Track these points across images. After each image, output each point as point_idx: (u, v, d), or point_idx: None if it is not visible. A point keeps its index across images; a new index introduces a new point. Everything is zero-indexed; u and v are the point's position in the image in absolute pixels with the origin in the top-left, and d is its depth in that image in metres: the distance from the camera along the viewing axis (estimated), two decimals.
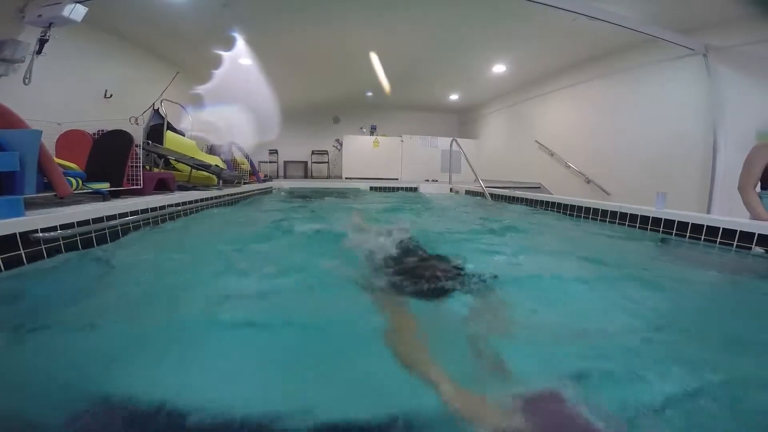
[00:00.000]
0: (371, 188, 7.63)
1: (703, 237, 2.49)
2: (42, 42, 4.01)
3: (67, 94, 4.61)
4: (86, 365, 0.97)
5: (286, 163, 12.22)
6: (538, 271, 1.80)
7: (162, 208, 2.89)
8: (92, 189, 2.66)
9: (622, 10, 4.62)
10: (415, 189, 7.59)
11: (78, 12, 3.90)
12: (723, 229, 2.39)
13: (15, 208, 1.83)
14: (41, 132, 2.13)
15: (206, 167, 4.50)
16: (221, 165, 4.88)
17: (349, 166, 10.41)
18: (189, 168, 4.58)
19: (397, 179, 10.09)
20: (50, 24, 3.98)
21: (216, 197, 4.07)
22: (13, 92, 3.75)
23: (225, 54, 6.16)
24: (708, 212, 4.70)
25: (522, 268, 2.03)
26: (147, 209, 2.69)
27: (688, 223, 2.59)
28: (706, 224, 2.49)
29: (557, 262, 2.12)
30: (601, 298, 1.55)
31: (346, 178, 10.05)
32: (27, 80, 3.87)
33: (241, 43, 6.08)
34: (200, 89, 5.75)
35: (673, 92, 5.43)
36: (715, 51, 4.84)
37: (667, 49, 5.11)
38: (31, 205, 2.12)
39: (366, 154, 10.49)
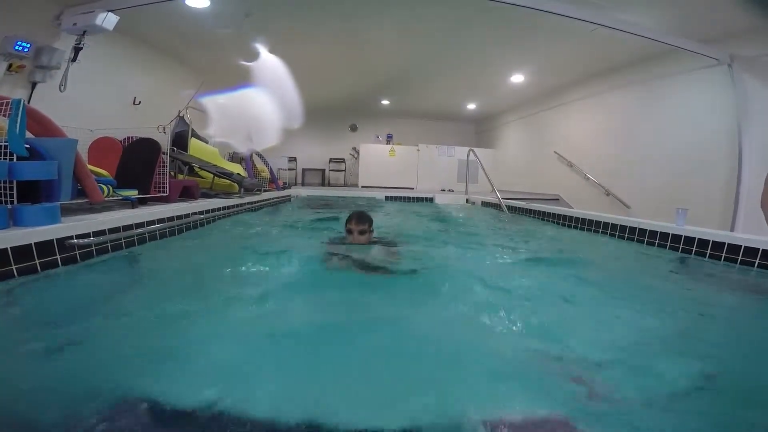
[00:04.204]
0: (386, 198, 7.64)
1: (723, 255, 2.44)
2: (77, 50, 4.16)
3: (98, 101, 4.74)
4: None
5: (304, 170, 12.32)
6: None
7: (187, 216, 2.95)
8: (122, 196, 2.72)
9: (643, 20, 4.54)
10: (431, 199, 7.57)
11: (110, 21, 4.03)
12: (744, 247, 2.33)
13: (52, 215, 1.89)
14: (77, 141, 2.20)
15: (228, 175, 4.56)
16: (242, 173, 4.94)
17: (366, 174, 10.46)
18: (211, 175, 4.65)
19: (413, 188, 10.08)
20: (84, 32, 4.13)
21: (237, 205, 4.13)
22: (49, 98, 3.88)
23: (247, 62, 6.27)
24: (732, 229, 4.54)
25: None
26: (173, 217, 2.74)
27: (709, 240, 2.53)
28: (727, 242, 2.43)
29: None
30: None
31: (363, 187, 10.09)
32: (62, 87, 4.01)
33: (263, 51, 6.19)
34: (224, 96, 5.85)
35: (697, 103, 5.29)
36: (741, 61, 4.70)
37: (690, 59, 4.98)
38: (64, 210, 2.18)
39: (382, 162, 10.52)
